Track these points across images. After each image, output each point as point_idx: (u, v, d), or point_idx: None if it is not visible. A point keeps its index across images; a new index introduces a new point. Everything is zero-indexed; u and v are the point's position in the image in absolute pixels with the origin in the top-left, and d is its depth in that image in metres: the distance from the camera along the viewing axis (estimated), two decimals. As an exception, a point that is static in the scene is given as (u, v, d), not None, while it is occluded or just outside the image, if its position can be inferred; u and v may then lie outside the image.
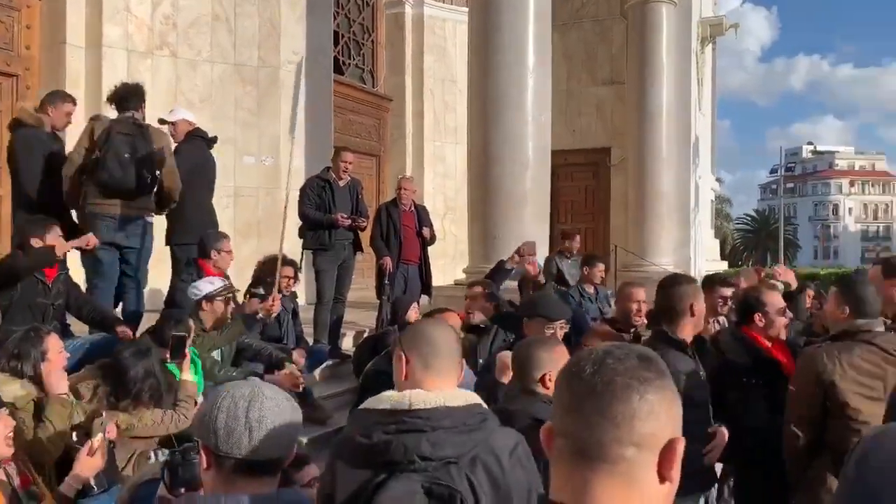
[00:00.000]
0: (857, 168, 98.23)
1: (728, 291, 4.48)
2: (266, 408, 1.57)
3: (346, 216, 6.31)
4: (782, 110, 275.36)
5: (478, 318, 5.05)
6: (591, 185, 13.33)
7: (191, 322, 4.10)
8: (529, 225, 7.12)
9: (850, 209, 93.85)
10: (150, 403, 3.44)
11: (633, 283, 4.54)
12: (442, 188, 12.30)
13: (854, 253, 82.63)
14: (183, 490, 2.07)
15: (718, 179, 21.00)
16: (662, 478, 0.96)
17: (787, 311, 3.64)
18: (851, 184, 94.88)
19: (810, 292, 5.93)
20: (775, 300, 3.53)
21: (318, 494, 1.82)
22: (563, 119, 12.18)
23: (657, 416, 0.96)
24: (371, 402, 1.78)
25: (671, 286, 3.04)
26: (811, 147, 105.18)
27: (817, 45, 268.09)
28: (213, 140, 5.95)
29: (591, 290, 6.66)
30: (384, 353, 5.25)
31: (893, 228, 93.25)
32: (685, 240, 12.58)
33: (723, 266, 18.02)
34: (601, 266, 6.85)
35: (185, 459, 2.10)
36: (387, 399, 1.76)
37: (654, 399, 0.97)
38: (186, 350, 3.80)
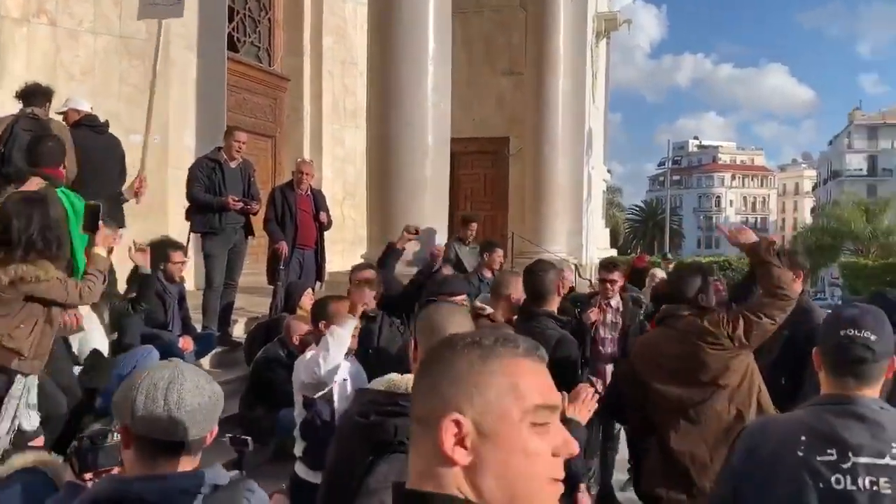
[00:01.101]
0: (738, 162, 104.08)
1: (615, 275, 5.11)
2: (185, 390, 1.60)
3: (237, 199, 6.11)
4: (669, 106, 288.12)
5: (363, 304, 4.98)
6: (490, 174, 13.48)
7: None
8: (429, 212, 7.11)
9: (731, 201, 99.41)
10: (53, 256, 3.31)
11: (512, 273, 4.74)
12: (341, 173, 12.11)
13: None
14: (91, 475, 2.07)
15: (610, 171, 21.73)
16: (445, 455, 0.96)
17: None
18: (733, 177, 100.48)
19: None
20: None
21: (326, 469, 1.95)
22: (464, 107, 12.21)
23: (431, 394, 0.99)
24: (373, 384, 1.95)
25: (541, 271, 3.72)
26: (697, 142, 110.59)
27: (701, 45, 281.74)
28: (103, 126, 5.76)
29: (489, 275, 6.75)
30: (276, 339, 5.14)
31: (770, 220, 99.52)
32: (578, 228, 12.94)
33: (613, 254, 18.71)
34: (500, 252, 6.97)
35: (94, 444, 2.10)
36: (387, 381, 1.91)
37: (430, 380, 1.01)
38: (100, 222, 3.72)
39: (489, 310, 4.34)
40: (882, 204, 47.88)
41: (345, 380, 3.39)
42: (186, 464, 1.62)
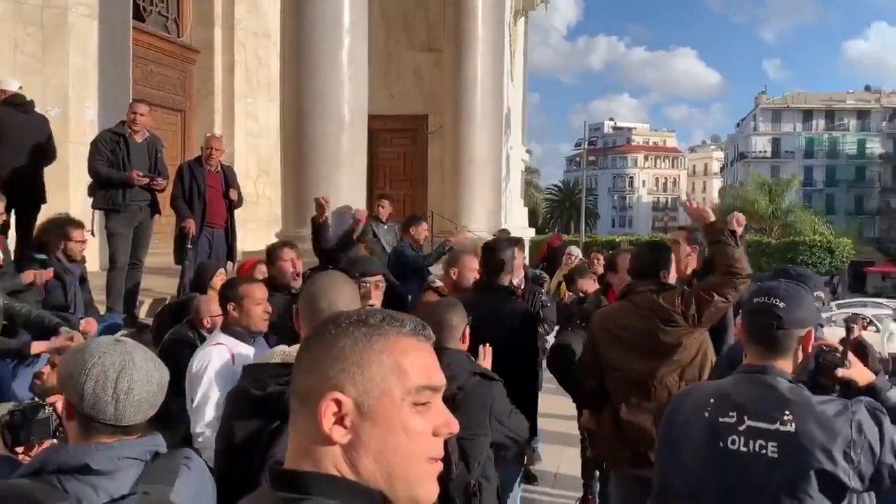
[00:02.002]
0: (651, 144, 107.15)
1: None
2: (135, 380, 1.64)
3: (142, 174, 5.82)
4: (584, 87, 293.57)
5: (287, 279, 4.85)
6: (409, 151, 13.35)
7: None
8: (346, 188, 6.97)
9: (643, 182, 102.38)
10: None
11: (465, 253, 4.83)
12: (255, 148, 11.76)
13: (646, 222, 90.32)
14: (22, 449, 2.07)
15: (528, 151, 21.95)
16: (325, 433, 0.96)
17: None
18: (646, 158, 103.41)
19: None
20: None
21: (216, 447, 2.03)
22: (382, 83, 12.03)
23: (312, 371, 0.98)
24: (263, 358, 2.07)
25: (498, 249, 3.88)
26: (612, 123, 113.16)
27: (615, 28, 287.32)
28: (28, 105, 5.82)
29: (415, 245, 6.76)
30: (185, 321, 4.93)
31: (680, 201, 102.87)
32: (497, 207, 12.98)
33: (531, 233, 18.95)
34: (424, 225, 6.94)
35: (26, 418, 2.09)
36: (278, 354, 2.04)
37: (311, 355, 1.00)
38: None
39: (439, 283, 4.42)
40: (783, 184, 50.31)
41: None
42: (129, 437, 1.69)
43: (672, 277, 3.57)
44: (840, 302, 26.22)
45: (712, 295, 3.23)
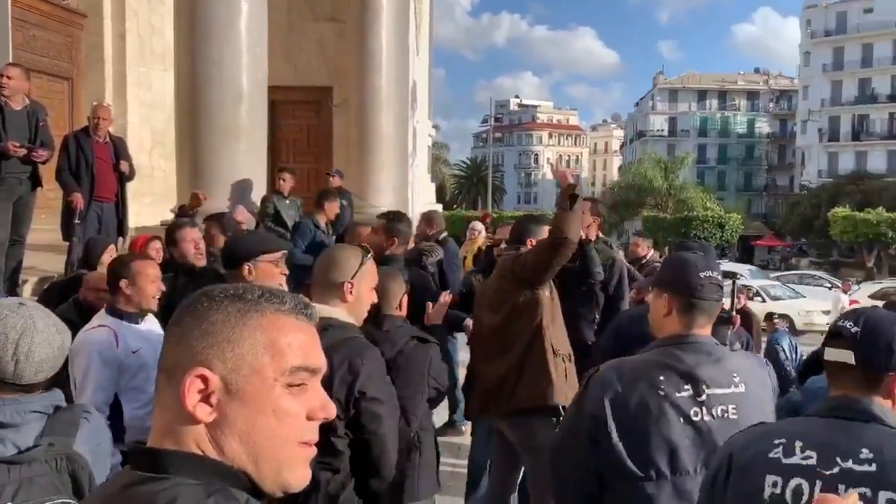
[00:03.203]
0: (554, 122, 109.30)
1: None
2: (36, 342, 1.70)
3: (19, 145, 5.44)
4: (489, 64, 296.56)
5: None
6: (313, 124, 13.06)
7: None
8: (244, 162, 6.75)
9: (548, 159, 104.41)
10: None
11: (360, 224, 5.03)
12: (148, 119, 11.21)
13: (551, 198, 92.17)
14: None
15: (435, 126, 21.93)
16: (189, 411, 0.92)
17: None
18: (550, 136, 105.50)
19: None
20: None
21: None
22: (284, 54, 11.69)
23: (180, 344, 0.95)
24: None
25: (396, 221, 4.24)
26: (517, 100, 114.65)
27: (517, 6, 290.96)
28: None
29: (324, 223, 6.61)
30: (71, 299, 4.68)
31: (582, 177, 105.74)
32: (404, 182, 12.92)
33: (439, 209, 19.01)
34: (336, 203, 6.79)
35: None
36: None
37: (181, 328, 0.96)
38: None
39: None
40: (677, 162, 52.44)
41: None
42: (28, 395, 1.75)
43: None
44: (778, 275, 27.71)
45: (537, 256, 3.40)
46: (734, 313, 2.42)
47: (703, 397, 1.95)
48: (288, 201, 7.17)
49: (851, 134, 64.05)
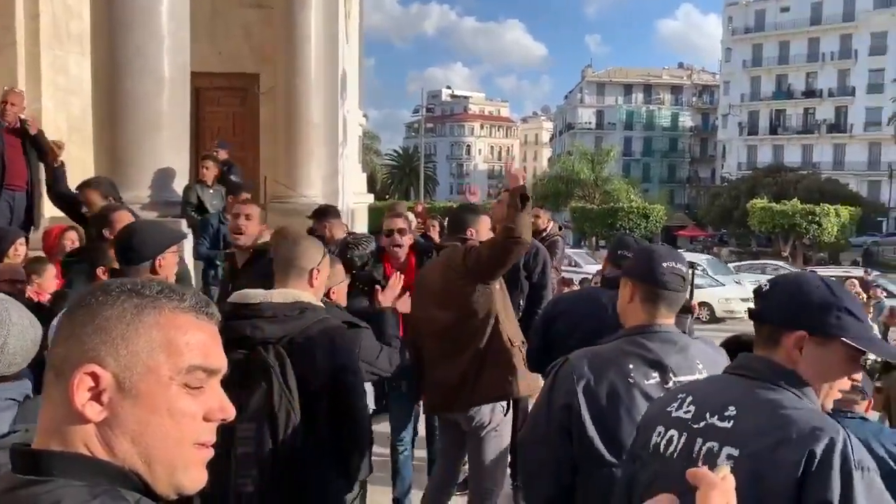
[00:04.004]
0: (486, 113, 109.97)
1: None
2: (11, 335, 1.72)
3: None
4: (419, 53, 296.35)
5: None
6: (239, 112, 12.76)
7: None
8: (166, 151, 6.53)
9: (479, 150, 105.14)
10: None
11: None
12: (65, 105, 10.73)
13: (482, 189, 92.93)
14: None
15: (366, 115, 21.76)
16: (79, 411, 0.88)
17: None
18: (481, 127, 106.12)
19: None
20: None
21: None
22: (209, 39, 11.37)
23: (71, 340, 0.91)
24: (231, 297, 2.43)
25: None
26: (450, 91, 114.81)
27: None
28: None
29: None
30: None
31: (505, 159, 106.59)
32: (334, 172, 12.79)
33: (370, 199, 18.86)
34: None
35: None
36: (235, 295, 2.42)
37: (72, 323, 0.92)
38: None
39: None
40: (603, 155, 53.59)
41: None
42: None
43: (483, 235, 3.79)
44: (738, 264, 28.02)
45: (490, 253, 3.41)
46: (693, 302, 2.51)
47: (670, 384, 2.01)
48: (212, 190, 7.01)
49: (769, 128, 66.73)
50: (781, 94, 66.27)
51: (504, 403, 3.58)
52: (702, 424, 1.51)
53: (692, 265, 3.66)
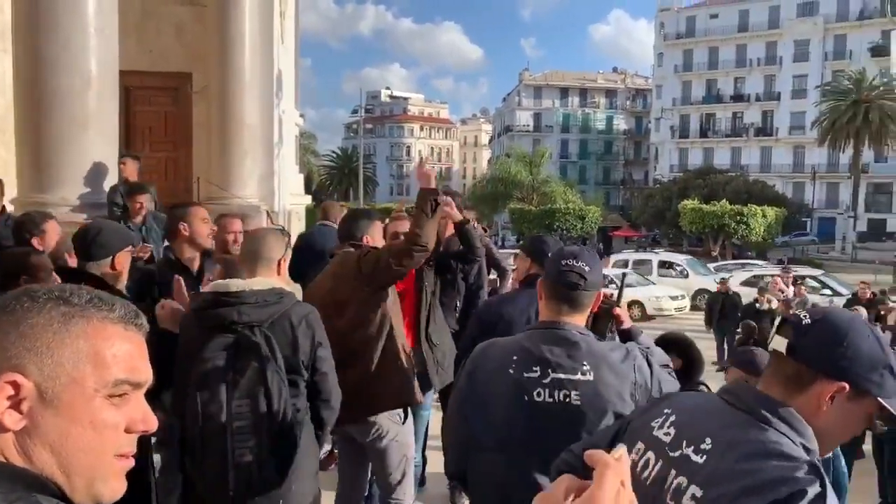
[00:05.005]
0: (425, 114, 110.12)
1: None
2: None
3: None
4: (355, 54, 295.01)
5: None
6: (171, 112, 12.48)
7: None
8: (95, 150, 6.40)
9: (419, 151, 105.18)
10: None
11: (229, 215, 4.59)
12: (-14, 103, 10.35)
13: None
14: None
15: (303, 115, 21.55)
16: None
17: None
18: (421, 128, 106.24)
19: None
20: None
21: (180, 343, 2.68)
22: (138, 37, 11.11)
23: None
24: (207, 288, 2.70)
25: (170, 210, 3.93)
26: (389, 92, 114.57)
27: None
28: None
29: (138, 220, 5.74)
30: None
31: (454, 170, 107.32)
32: (270, 173, 12.63)
33: (307, 200, 18.69)
34: (145, 196, 5.98)
35: None
36: (214, 285, 2.66)
37: None
38: None
39: None
40: (539, 156, 54.34)
41: None
42: None
43: (377, 241, 3.71)
44: (718, 265, 27.88)
45: (390, 260, 3.30)
46: (619, 305, 2.55)
47: (548, 380, 2.06)
48: (139, 192, 6.83)
49: (699, 131, 68.79)
50: (711, 98, 68.39)
51: (400, 412, 3.52)
52: (677, 454, 1.41)
53: (623, 276, 3.68)
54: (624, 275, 2.92)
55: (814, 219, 58.07)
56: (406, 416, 3.56)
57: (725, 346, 13.66)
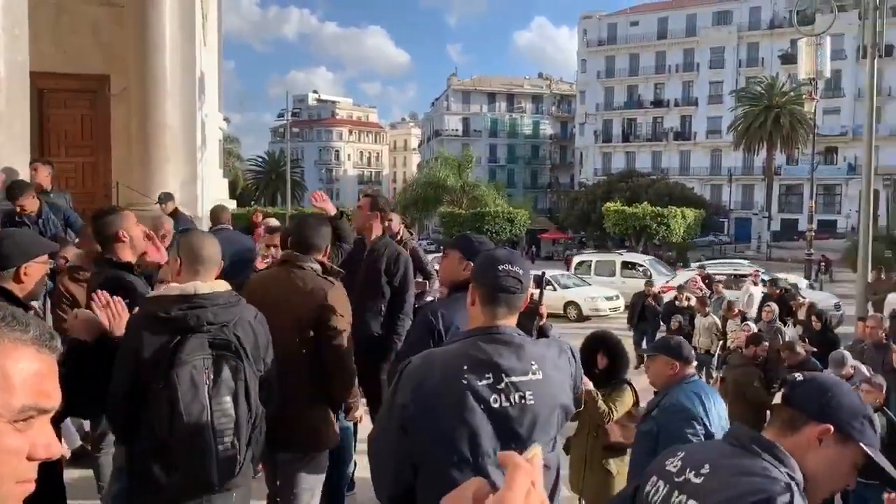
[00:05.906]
0: (354, 118, 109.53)
1: None
2: None
3: None
4: (280, 57, 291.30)
5: None
6: (88, 115, 12.07)
7: None
8: (5, 155, 6.15)
9: (349, 155, 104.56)
10: None
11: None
12: None
13: (352, 195, 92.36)
14: None
15: (226, 119, 21.14)
16: None
17: None
18: (350, 132, 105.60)
19: None
20: None
21: (121, 352, 2.57)
22: (52, 37, 10.73)
23: None
24: (161, 292, 2.67)
25: (104, 216, 3.50)
26: (316, 95, 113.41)
27: (305, 0, 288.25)
28: None
29: (33, 216, 5.62)
30: None
31: (384, 174, 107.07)
32: (192, 177, 12.37)
33: (232, 205, 18.34)
34: (25, 198, 5.79)
35: None
36: (175, 289, 2.63)
37: None
38: None
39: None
40: (467, 160, 54.80)
41: None
42: None
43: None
44: (702, 263, 27.62)
45: (332, 343, 3.39)
46: (541, 304, 2.65)
47: (503, 385, 2.05)
48: (52, 195, 6.59)
49: (622, 136, 70.68)
50: (632, 103, 70.38)
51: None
52: (681, 479, 1.69)
53: (542, 275, 3.75)
54: (543, 273, 2.99)
55: (731, 219, 60.44)
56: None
57: (644, 345, 14.04)
